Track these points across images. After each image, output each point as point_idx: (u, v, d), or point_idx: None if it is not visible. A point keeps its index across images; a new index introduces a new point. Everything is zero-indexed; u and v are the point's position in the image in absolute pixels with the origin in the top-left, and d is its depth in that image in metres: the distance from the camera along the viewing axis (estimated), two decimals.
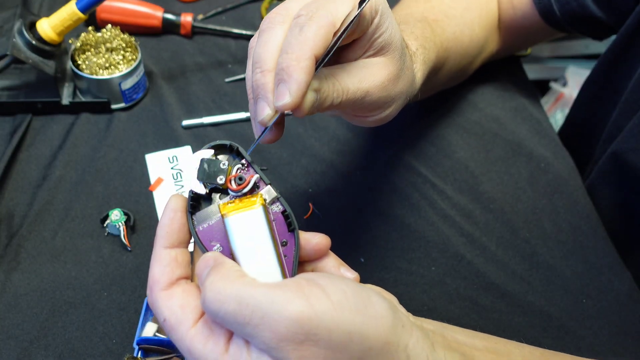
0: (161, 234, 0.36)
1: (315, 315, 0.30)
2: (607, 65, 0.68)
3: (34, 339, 0.52)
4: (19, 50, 0.64)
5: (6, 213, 0.61)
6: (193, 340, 0.33)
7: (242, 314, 0.30)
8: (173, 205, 0.37)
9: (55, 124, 0.69)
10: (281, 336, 0.30)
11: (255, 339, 0.31)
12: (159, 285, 0.35)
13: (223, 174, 0.37)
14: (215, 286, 0.32)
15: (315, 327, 0.30)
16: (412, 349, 0.32)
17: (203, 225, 0.37)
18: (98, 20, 0.78)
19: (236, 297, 0.31)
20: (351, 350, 0.31)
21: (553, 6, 0.66)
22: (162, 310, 0.34)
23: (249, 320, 0.30)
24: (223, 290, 0.32)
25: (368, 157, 0.68)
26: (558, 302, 0.58)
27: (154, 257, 0.36)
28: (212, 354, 0.32)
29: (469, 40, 0.65)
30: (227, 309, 0.31)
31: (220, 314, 0.31)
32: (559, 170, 0.68)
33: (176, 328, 0.34)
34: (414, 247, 0.61)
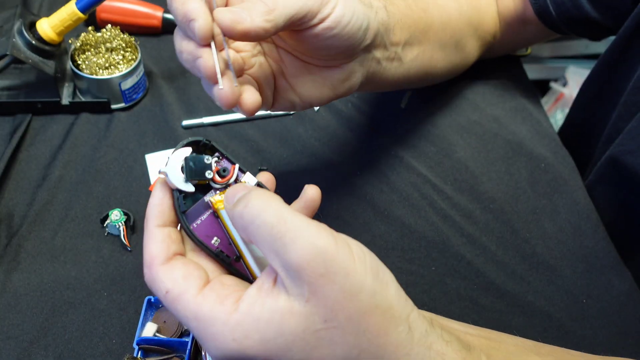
0: (153, 213, 0.37)
1: (337, 254, 0.31)
2: (606, 67, 0.68)
3: (34, 339, 0.52)
4: (19, 50, 0.64)
5: (6, 213, 0.61)
6: (200, 305, 0.33)
7: (279, 228, 0.31)
8: (162, 187, 0.37)
9: (55, 123, 0.69)
10: (305, 261, 0.31)
11: (280, 257, 0.31)
12: (158, 259, 0.35)
13: (210, 169, 0.37)
14: (259, 197, 0.33)
15: (335, 266, 0.31)
16: (413, 320, 0.33)
17: (196, 223, 0.37)
18: (98, 20, 0.78)
19: (278, 212, 0.32)
20: (360, 302, 0.31)
21: (549, 7, 0.66)
22: (164, 282, 0.34)
23: (282, 236, 0.31)
24: (268, 202, 0.33)
25: (368, 157, 0.68)
26: (558, 302, 0.58)
27: (147, 236, 0.36)
28: (221, 313, 0.32)
29: (457, 13, 0.63)
30: (265, 219, 0.32)
31: (258, 220, 0.32)
32: (559, 170, 0.68)
33: (180, 297, 0.33)
34: (414, 247, 0.61)
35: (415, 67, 0.59)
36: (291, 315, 0.31)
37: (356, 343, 0.32)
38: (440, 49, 0.62)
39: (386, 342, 0.32)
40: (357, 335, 0.32)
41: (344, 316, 0.31)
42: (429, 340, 0.33)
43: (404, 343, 0.32)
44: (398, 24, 0.54)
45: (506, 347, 0.41)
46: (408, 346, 0.33)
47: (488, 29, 0.70)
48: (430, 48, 0.60)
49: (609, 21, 0.65)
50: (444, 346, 0.34)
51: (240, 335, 0.32)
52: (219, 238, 0.37)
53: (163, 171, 0.37)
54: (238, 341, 0.32)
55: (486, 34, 0.70)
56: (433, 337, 0.34)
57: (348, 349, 0.32)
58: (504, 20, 0.71)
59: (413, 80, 0.62)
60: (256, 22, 0.39)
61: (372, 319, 0.32)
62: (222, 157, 0.39)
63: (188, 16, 0.38)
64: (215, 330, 0.32)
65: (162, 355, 0.50)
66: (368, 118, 0.73)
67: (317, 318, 0.31)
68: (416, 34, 0.57)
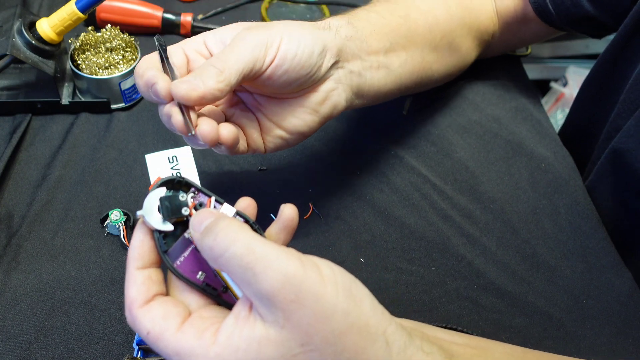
0: (133, 255, 0.37)
1: (307, 280, 0.32)
2: (605, 65, 0.68)
3: (34, 339, 0.52)
4: (19, 50, 0.64)
5: (5, 213, 0.60)
6: (180, 341, 0.34)
7: (248, 259, 0.32)
8: (142, 228, 0.38)
9: (55, 123, 0.69)
10: (276, 289, 0.32)
11: (253, 286, 0.32)
12: (137, 303, 0.36)
13: (185, 205, 0.38)
14: (229, 228, 0.34)
15: (304, 291, 0.32)
16: (391, 334, 0.34)
17: (180, 260, 0.37)
18: (98, 20, 0.78)
19: (247, 243, 0.33)
20: (334, 323, 0.32)
21: (548, 5, 0.66)
22: (144, 324, 0.35)
23: (252, 266, 0.32)
24: (235, 234, 0.33)
25: (368, 157, 0.68)
26: (558, 302, 0.58)
27: (128, 279, 0.37)
28: (200, 347, 0.33)
29: (445, 14, 0.63)
30: (235, 251, 0.33)
31: (227, 254, 0.33)
32: (559, 170, 0.68)
33: (160, 336, 0.34)
34: (414, 247, 0.61)
35: (407, 73, 0.60)
36: (268, 342, 0.32)
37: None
38: (432, 51, 0.63)
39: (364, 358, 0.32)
40: (335, 356, 0.32)
41: (320, 339, 0.32)
42: (408, 354, 0.34)
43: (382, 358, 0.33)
44: (372, 34, 0.55)
45: (492, 354, 0.41)
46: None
47: (485, 28, 0.70)
48: (420, 51, 0.61)
49: (608, 19, 0.65)
50: (424, 357, 0.34)
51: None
52: (204, 272, 0.38)
53: (140, 214, 0.37)
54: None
55: (483, 33, 0.70)
56: (412, 349, 0.34)
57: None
58: (503, 18, 0.71)
59: (408, 86, 0.62)
60: (209, 85, 0.42)
61: (349, 338, 0.32)
62: (198, 191, 0.39)
63: (149, 83, 0.44)
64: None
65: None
66: (368, 118, 0.72)
67: (293, 343, 0.32)
68: (398, 40, 0.58)
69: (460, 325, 0.55)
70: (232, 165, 0.66)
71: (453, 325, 0.54)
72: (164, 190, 0.38)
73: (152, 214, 0.37)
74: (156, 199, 0.37)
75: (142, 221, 0.37)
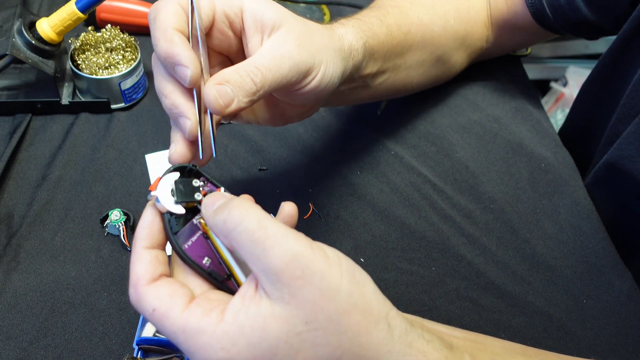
0: (142, 235, 0.37)
1: (313, 259, 0.33)
2: (605, 69, 0.68)
3: (34, 339, 0.52)
4: (19, 50, 0.64)
5: (5, 213, 0.60)
6: (187, 319, 0.34)
7: (259, 234, 0.33)
8: (152, 210, 0.38)
9: (55, 123, 0.69)
10: (284, 264, 0.32)
11: (261, 261, 0.33)
12: (143, 280, 0.36)
13: (198, 191, 0.39)
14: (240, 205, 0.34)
15: (312, 268, 0.32)
16: (392, 318, 0.34)
17: (187, 244, 0.38)
18: (98, 20, 0.78)
19: (258, 218, 0.34)
20: (338, 302, 0.33)
21: (546, 9, 0.66)
22: (150, 301, 0.35)
23: (263, 241, 0.33)
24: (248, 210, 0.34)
25: (368, 157, 0.68)
26: (558, 302, 0.58)
27: (134, 257, 0.37)
28: (208, 325, 0.33)
29: (441, 29, 0.64)
30: (247, 225, 0.33)
31: (239, 227, 0.34)
32: (559, 170, 0.68)
33: (167, 314, 0.34)
34: (414, 247, 0.61)
35: (383, 89, 0.62)
36: (273, 318, 0.32)
37: (338, 343, 0.33)
38: (417, 66, 0.64)
39: (367, 340, 0.33)
40: (339, 335, 0.32)
41: (324, 316, 0.32)
42: (409, 339, 0.34)
43: (384, 341, 0.33)
44: (371, 58, 0.55)
45: (492, 348, 0.41)
46: (389, 344, 0.33)
47: (479, 36, 0.71)
48: (405, 69, 0.62)
49: (606, 23, 0.65)
50: (424, 345, 0.35)
51: (227, 343, 0.33)
52: (209, 258, 0.38)
53: (154, 195, 0.38)
54: (226, 349, 0.32)
55: (476, 41, 0.71)
56: (413, 335, 0.35)
57: (331, 349, 0.32)
58: (499, 23, 0.71)
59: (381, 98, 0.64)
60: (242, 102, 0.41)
61: (352, 318, 0.33)
62: (208, 181, 0.40)
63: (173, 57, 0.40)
64: (203, 341, 0.33)
65: (161, 355, 0.50)
66: (368, 118, 0.73)
67: (298, 320, 0.32)
68: (390, 61, 0.59)
69: (460, 325, 0.54)
70: (232, 165, 0.66)
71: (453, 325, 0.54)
72: (177, 175, 0.39)
73: (165, 195, 0.38)
74: (170, 182, 0.38)
75: (153, 203, 0.38)
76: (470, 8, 0.68)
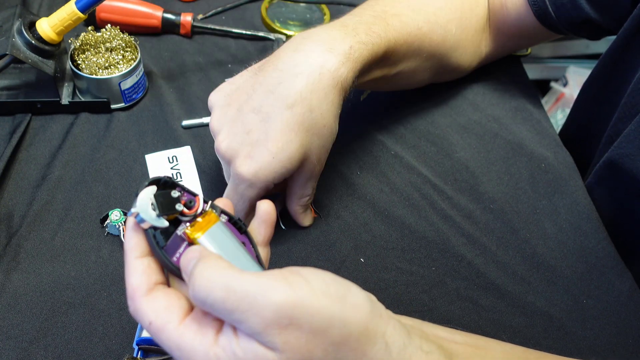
0: (130, 245, 0.38)
1: (298, 301, 0.32)
2: (606, 68, 0.68)
3: (34, 340, 0.52)
4: (18, 49, 0.64)
5: (5, 213, 0.60)
6: (182, 336, 0.34)
7: (231, 300, 0.32)
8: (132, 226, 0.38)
9: (55, 123, 0.69)
10: (268, 321, 0.31)
11: (243, 325, 0.32)
12: (140, 291, 0.36)
13: (178, 201, 0.39)
14: (204, 274, 0.33)
15: (298, 313, 0.32)
16: (390, 336, 0.34)
17: (175, 257, 0.38)
18: (98, 20, 0.78)
19: (225, 284, 0.32)
20: (332, 335, 0.32)
21: (549, 8, 0.66)
22: (147, 314, 0.35)
23: (237, 307, 0.32)
24: (212, 278, 0.33)
25: (368, 158, 0.68)
26: (558, 302, 0.58)
27: (128, 269, 0.37)
28: (201, 345, 0.33)
29: (440, 38, 0.64)
30: (215, 296, 0.32)
31: (208, 300, 0.33)
32: (559, 170, 0.68)
33: (163, 328, 0.34)
34: (414, 247, 0.61)
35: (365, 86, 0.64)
36: (266, 357, 0.32)
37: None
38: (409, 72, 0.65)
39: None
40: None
41: (320, 351, 0.32)
42: (408, 354, 0.34)
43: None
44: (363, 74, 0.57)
45: (493, 354, 0.41)
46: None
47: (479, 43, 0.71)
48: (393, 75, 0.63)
49: (608, 22, 0.65)
50: (423, 357, 0.35)
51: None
52: None
53: (134, 211, 0.37)
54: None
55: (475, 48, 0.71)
56: (411, 349, 0.34)
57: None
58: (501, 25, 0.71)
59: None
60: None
61: (348, 346, 0.33)
62: (184, 191, 0.40)
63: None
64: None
65: (161, 355, 0.50)
66: (368, 118, 0.72)
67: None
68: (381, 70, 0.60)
69: (460, 326, 0.55)
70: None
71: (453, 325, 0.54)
72: (154, 188, 0.38)
73: (146, 211, 0.37)
74: (148, 196, 0.38)
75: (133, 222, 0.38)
76: (472, 17, 0.68)
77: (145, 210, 0.37)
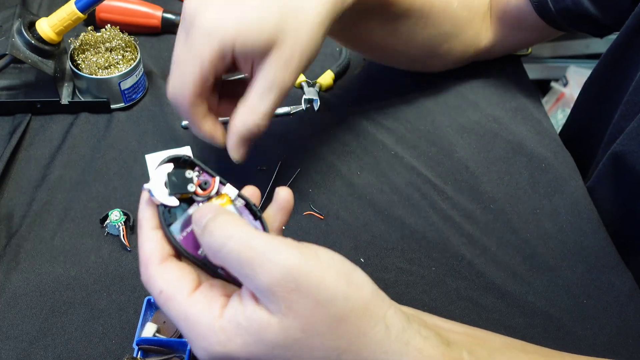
0: (145, 217, 0.39)
1: (307, 269, 0.33)
2: (607, 66, 0.68)
3: (33, 340, 0.52)
4: (18, 49, 0.64)
5: (5, 213, 0.60)
6: (190, 307, 0.35)
7: (245, 254, 0.33)
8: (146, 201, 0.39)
9: (55, 123, 0.69)
10: (276, 281, 0.32)
11: (251, 280, 0.33)
12: (154, 259, 0.37)
13: (192, 182, 0.39)
14: (223, 225, 0.35)
15: (304, 280, 0.33)
16: (390, 318, 0.35)
17: (183, 235, 0.39)
18: (97, 19, 0.78)
19: (242, 238, 0.34)
20: (334, 308, 0.33)
21: (548, 3, 0.66)
22: (159, 283, 0.36)
23: (251, 262, 0.33)
24: (230, 229, 0.34)
25: (368, 158, 0.68)
26: (559, 302, 0.58)
27: (142, 237, 0.38)
28: (207, 317, 0.35)
29: (442, 7, 0.64)
30: (231, 247, 0.34)
31: (223, 250, 0.34)
32: (559, 170, 0.68)
33: (173, 297, 0.35)
34: (414, 247, 0.61)
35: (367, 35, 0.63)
36: (269, 326, 0.33)
37: (336, 346, 0.33)
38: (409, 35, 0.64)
39: (365, 341, 0.34)
40: (337, 339, 0.33)
41: (321, 324, 0.33)
42: (406, 337, 0.35)
43: (381, 342, 0.34)
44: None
45: (491, 344, 0.41)
46: (386, 344, 0.34)
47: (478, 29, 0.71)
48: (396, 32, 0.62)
49: (608, 18, 0.65)
50: (421, 342, 0.35)
51: (224, 339, 0.34)
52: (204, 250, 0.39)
53: (147, 187, 0.38)
54: (222, 344, 0.34)
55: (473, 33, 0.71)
56: (410, 333, 0.35)
57: (329, 352, 0.33)
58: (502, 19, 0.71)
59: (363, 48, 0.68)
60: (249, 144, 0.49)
61: (349, 322, 0.33)
62: (203, 171, 0.41)
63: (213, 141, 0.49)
64: (201, 332, 0.34)
65: (161, 355, 0.50)
66: (368, 118, 0.72)
67: (295, 329, 0.33)
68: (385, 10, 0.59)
69: None
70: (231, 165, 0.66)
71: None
72: (171, 166, 0.39)
73: (158, 188, 0.38)
74: (163, 174, 0.39)
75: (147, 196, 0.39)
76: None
77: (157, 187, 0.38)
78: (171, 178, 0.39)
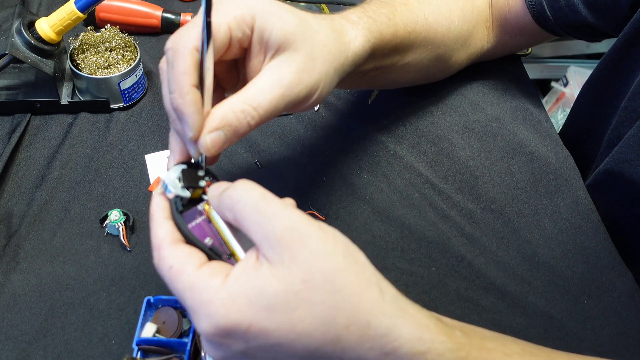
0: (158, 208, 0.41)
1: (311, 228, 0.36)
2: (606, 71, 0.68)
3: (33, 340, 0.52)
4: (18, 49, 0.64)
5: (5, 213, 0.60)
6: (197, 277, 0.37)
7: (262, 204, 0.37)
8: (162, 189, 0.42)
9: (54, 123, 0.69)
10: (284, 230, 0.36)
11: (263, 228, 0.36)
12: (166, 241, 0.40)
13: (203, 180, 0.44)
14: (243, 184, 0.39)
15: (309, 235, 0.36)
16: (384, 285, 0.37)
17: (191, 225, 0.42)
18: (97, 19, 0.78)
19: (261, 193, 0.38)
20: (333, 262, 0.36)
21: (546, 11, 0.66)
22: (169, 259, 0.39)
23: (265, 210, 0.37)
24: (250, 186, 0.39)
25: (368, 157, 0.68)
26: (559, 302, 0.57)
27: (155, 225, 0.41)
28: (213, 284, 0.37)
29: (445, 30, 0.64)
30: (250, 197, 0.38)
31: (243, 199, 0.38)
32: (559, 170, 0.68)
33: (182, 271, 0.38)
34: (414, 247, 0.61)
35: (375, 81, 0.64)
36: (272, 277, 0.35)
37: (333, 303, 0.35)
38: (415, 64, 0.64)
39: (360, 301, 0.35)
40: (333, 294, 0.35)
41: (320, 276, 0.35)
42: (400, 303, 0.37)
43: (377, 302, 0.36)
44: (372, 57, 0.55)
45: (482, 331, 0.42)
46: (381, 305, 0.36)
47: (480, 36, 0.71)
48: (402, 66, 0.62)
49: (606, 26, 0.65)
50: (415, 310, 0.37)
51: (228, 300, 0.35)
52: (211, 239, 0.42)
53: (164, 179, 0.42)
54: (226, 305, 0.35)
55: (477, 42, 0.71)
56: (404, 301, 0.37)
57: (326, 308, 0.35)
58: (501, 24, 0.71)
59: (371, 87, 0.68)
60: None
61: (346, 278, 0.36)
62: (209, 174, 0.45)
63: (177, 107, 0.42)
64: (206, 297, 0.36)
65: (161, 355, 0.50)
66: (368, 118, 0.72)
67: (296, 279, 0.35)
68: (389, 58, 0.59)
69: None
70: (231, 165, 0.66)
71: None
72: (185, 166, 0.44)
73: (172, 181, 0.42)
74: (177, 171, 0.43)
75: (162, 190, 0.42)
76: (474, 8, 0.68)
77: (172, 181, 0.42)
78: (185, 173, 0.43)
